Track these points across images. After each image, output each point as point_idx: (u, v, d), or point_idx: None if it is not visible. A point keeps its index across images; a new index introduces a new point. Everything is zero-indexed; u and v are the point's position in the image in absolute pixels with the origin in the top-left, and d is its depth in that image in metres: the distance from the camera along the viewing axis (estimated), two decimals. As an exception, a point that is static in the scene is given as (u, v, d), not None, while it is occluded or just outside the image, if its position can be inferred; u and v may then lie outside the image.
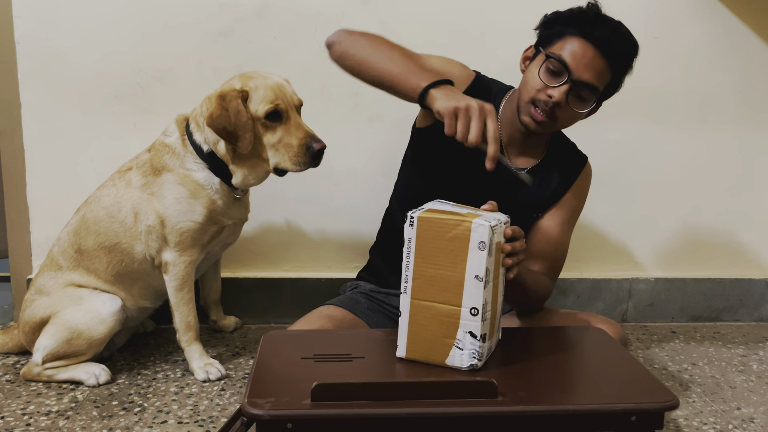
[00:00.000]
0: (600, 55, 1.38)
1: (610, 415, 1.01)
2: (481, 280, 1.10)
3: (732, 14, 1.99)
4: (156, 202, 1.56)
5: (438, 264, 1.13)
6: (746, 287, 2.16)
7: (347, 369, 1.13)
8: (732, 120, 2.07)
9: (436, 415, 0.99)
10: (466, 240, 1.10)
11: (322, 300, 1.73)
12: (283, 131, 1.51)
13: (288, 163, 1.51)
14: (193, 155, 1.57)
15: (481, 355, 1.12)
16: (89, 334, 1.55)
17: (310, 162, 1.50)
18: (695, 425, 1.48)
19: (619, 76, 1.43)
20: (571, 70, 1.38)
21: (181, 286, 1.61)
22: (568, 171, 1.57)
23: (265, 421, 0.97)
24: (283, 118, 1.51)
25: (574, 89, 1.39)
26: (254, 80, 1.51)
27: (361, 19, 1.90)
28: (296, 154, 1.50)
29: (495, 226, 1.10)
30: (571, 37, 1.38)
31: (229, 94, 1.48)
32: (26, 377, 1.59)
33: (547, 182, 1.55)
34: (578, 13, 1.40)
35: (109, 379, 1.58)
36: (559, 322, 1.49)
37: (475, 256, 1.10)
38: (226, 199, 1.60)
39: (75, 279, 1.62)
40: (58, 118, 1.90)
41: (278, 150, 1.51)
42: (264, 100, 1.49)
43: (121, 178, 1.63)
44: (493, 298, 1.14)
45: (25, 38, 1.85)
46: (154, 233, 1.57)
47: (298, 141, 1.50)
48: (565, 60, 1.38)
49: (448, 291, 1.12)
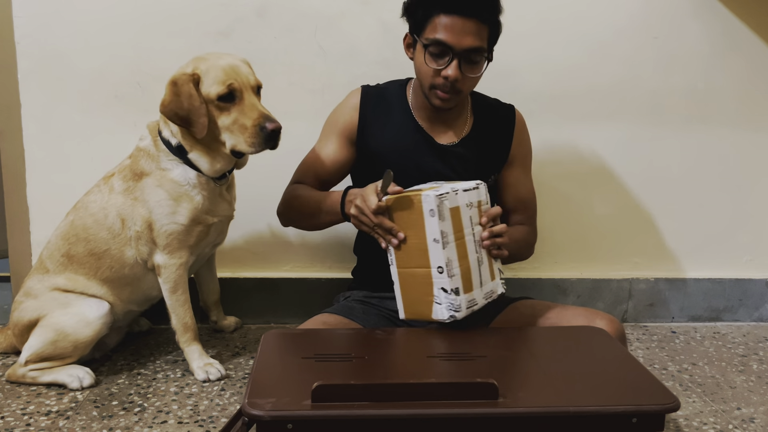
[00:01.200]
0: (469, 19, 1.42)
1: (611, 416, 1.01)
2: (439, 242, 1.29)
3: (732, 14, 1.99)
4: (140, 207, 1.56)
5: (409, 234, 1.33)
6: (746, 287, 2.16)
7: (348, 369, 1.13)
8: (732, 120, 2.07)
9: (437, 416, 0.99)
10: (420, 210, 1.30)
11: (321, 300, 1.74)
12: (237, 112, 1.47)
13: (243, 145, 1.47)
14: (165, 153, 1.55)
15: (458, 307, 1.30)
16: (75, 337, 1.54)
17: (265, 143, 1.46)
18: (695, 425, 1.48)
19: (494, 21, 1.47)
20: (451, 45, 1.43)
21: (174, 288, 1.61)
22: (503, 127, 1.64)
23: (266, 421, 0.97)
24: (237, 99, 1.47)
25: (463, 58, 1.45)
26: (206, 62, 1.48)
27: (361, 19, 1.90)
28: (251, 135, 1.45)
29: (444, 194, 1.29)
30: (437, 16, 1.43)
31: (180, 78, 1.46)
32: (10, 379, 1.58)
33: (488, 145, 1.62)
34: None
35: (92, 383, 1.56)
36: (558, 316, 1.49)
37: (430, 222, 1.29)
38: (206, 194, 1.58)
39: (61, 283, 1.61)
40: (58, 118, 1.90)
41: (233, 132, 1.47)
42: (216, 82, 1.45)
43: (105, 184, 1.63)
44: (459, 255, 1.32)
45: (25, 38, 1.85)
46: (143, 238, 1.57)
47: (251, 122, 1.45)
48: (442, 40, 1.43)
49: (420, 256, 1.32)
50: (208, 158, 1.54)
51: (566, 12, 1.94)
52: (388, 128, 1.60)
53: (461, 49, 1.43)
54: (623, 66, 2.00)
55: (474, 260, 1.36)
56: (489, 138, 1.62)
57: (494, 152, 1.63)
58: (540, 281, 2.09)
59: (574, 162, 2.03)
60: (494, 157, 1.64)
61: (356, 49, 1.91)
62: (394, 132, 1.59)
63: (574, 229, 2.08)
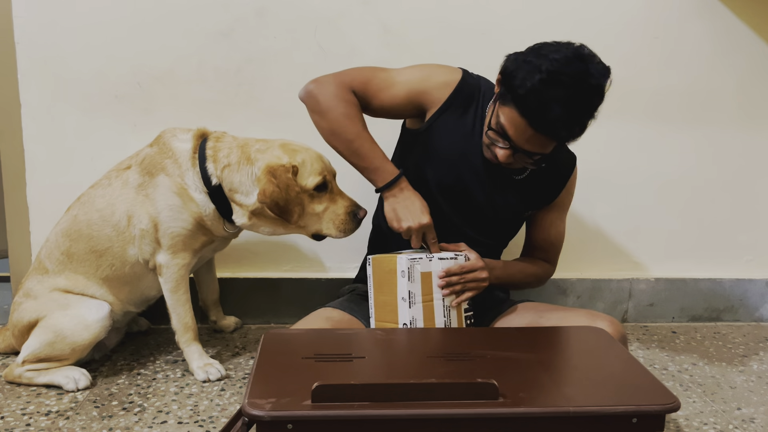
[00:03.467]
0: (542, 135, 1.33)
1: (611, 417, 1.01)
2: (406, 301, 1.41)
3: (732, 14, 1.99)
4: (149, 205, 1.56)
5: (385, 292, 1.45)
6: (746, 287, 2.16)
7: (347, 369, 1.13)
8: (732, 120, 2.07)
9: (437, 417, 0.98)
10: (394, 270, 1.42)
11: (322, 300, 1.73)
12: (328, 201, 1.55)
13: (333, 230, 1.55)
14: (197, 177, 1.55)
15: None
16: (73, 339, 1.54)
17: (355, 228, 1.56)
18: (695, 425, 1.48)
19: (569, 142, 1.40)
20: (511, 140, 1.37)
21: (176, 288, 1.61)
22: (561, 173, 1.60)
23: (266, 422, 0.97)
24: (328, 188, 1.55)
25: (520, 152, 1.39)
26: (299, 153, 1.53)
27: (361, 19, 1.89)
28: (343, 221, 1.55)
29: (417, 258, 1.42)
30: (515, 112, 1.33)
31: (279, 169, 1.48)
32: (7, 378, 1.58)
33: (540, 184, 1.58)
34: (522, 95, 1.30)
35: (88, 384, 1.56)
36: (559, 318, 1.49)
37: (400, 282, 1.41)
38: (215, 225, 1.60)
39: (61, 283, 1.60)
40: (58, 118, 1.90)
41: (322, 218, 1.55)
42: (313, 173, 1.52)
43: (118, 177, 1.61)
44: (425, 316, 1.42)
45: (25, 38, 1.85)
46: (147, 237, 1.57)
47: (344, 209, 1.55)
48: (507, 131, 1.36)
49: (391, 312, 1.43)
50: (258, 223, 1.57)
51: (566, 12, 1.94)
52: (464, 128, 1.53)
53: (520, 148, 1.37)
54: (623, 66, 1.99)
55: (441, 323, 1.44)
56: (544, 177, 1.57)
57: (544, 192, 1.60)
58: (540, 281, 2.09)
59: (574, 162, 2.03)
60: (542, 197, 1.61)
61: (356, 49, 1.91)
62: (466, 134, 1.53)
63: (574, 229, 2.07)
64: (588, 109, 1.32)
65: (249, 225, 1.58)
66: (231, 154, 1.54)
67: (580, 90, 1.28)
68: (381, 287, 1.47)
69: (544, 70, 1.27)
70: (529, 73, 1.29)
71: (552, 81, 1.27)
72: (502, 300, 1.67)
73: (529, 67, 1.29)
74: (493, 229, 1.62)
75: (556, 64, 1.27)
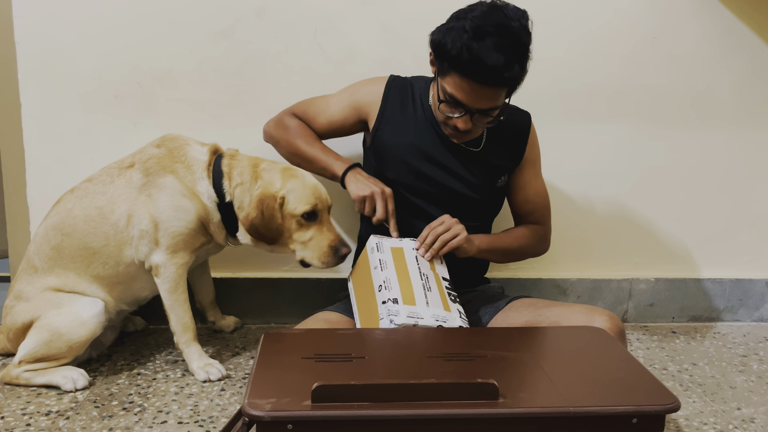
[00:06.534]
0: (488, 86, 1.39)
1: (611, 417, 1.01)
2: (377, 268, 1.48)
3: (732, 14, 1.99)
4: (151, 205, 1.55)
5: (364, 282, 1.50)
6: (746, 287, 2.16)
7: (347, 369, 1.13)
8: (732, 120, 2.07)
9: (437, 417, 0.99)
10: (366, 256, 1.53)
11: (322, 300, 1.73)
12: (315, 231, 1.57)
13: (315, 260, 1.58)
14: (211, 188, 1.58)
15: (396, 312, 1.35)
16: (69, 337, 1.53)
17: (336, 263, 1.58)
18: (695, 425, 1.48)
19: (515, 85, 1.44)
20: (464, 104, 1.43)
21: (174, 289, 1.60)
22: (518, 133, 1.65)
23: (266, 422, 0.97)
24: (317, 219, 1.57)
25: (476, 113, 1.44)
26: (294, 180, 1.56)
27: (361, 19, 1.89)
28: (324, 254, 1.57)
29: (384, 237, 1.55)
30: (457, 76, 1.40)
31: (268, 198, 1.53)
32: (4, 380, 1.56)
33: (502, 149, 1.62)
34: (456, 55, 1.37)
35: (86, 384, 1.55)
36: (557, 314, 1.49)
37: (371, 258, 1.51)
38: (218, 232, 1.62)
39: (51, 282, 1.59)
40: (58, 118, 1.90)
41: (307, 247, 1.58)
42: (302, 201, 1.55)
43: (120, 175, 1.59)
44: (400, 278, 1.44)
45: (25, 38, 1.85)
46: (146, 237, 1.56)
47: (328, 242, 1.57)
48: (456, 97, 1.42)
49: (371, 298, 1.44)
50: (258, 242, 1.59)
51: (566, 12, 1.94)
52: (407, 122, 1.61)
53: (474, 108, 1.43)
54: (623, 66, 1.99)
55: (418, 285, 1.44)
56: (504, 142, 1.63)
57: (508, 156, 1.65)
58: (540, 281, 2.09)
59: (574, 162, 2.03)
60: (508, 161, 1.65)
61: (356, 49, 1.91)
62: (412, 126, 1.60)
63: (574, 229, 2.07)
64: (520, 48, 1.38)
65: (250, 241, 1.61)
66: (244, 173, 1.58)
67: (506, 33, 1.36)
68: (361, 291, 1.52)
69: (469, 29, 1.36)
70: (456, 36, 1.37)
71: (478, 34, 1.35)
72: (500, 296, 1.67)
73: (454, 32, 1.38)
74: (473, 210, 1.65)
75: (477, 21, 1.36)
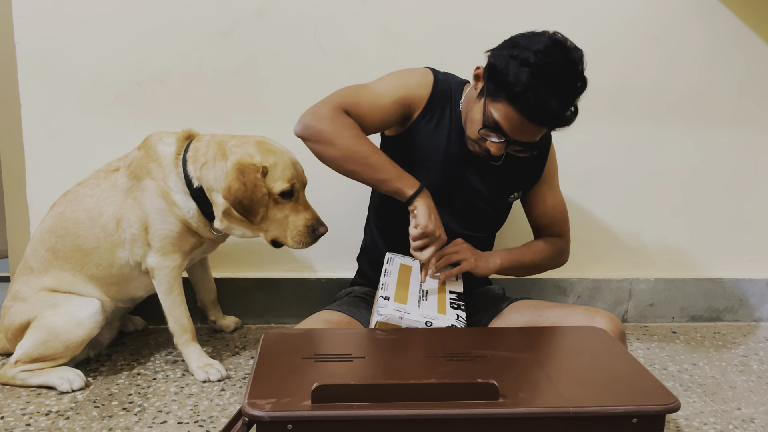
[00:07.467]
0: (538, 125, 1.38)
1: (611, 417, 1.01)
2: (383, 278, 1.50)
3: (733, 14, 1.99)
4: (138, 209, 1.55)
5: None
6: (746, 287, 2.16)
7: (348, 369, 1.13)
8: (732, 119, 2.07)
9: (437, 417, 0.98)
10: None
11: (322, 300, 1.73)
12: (291, 209, 1.52)
13: (289, 240, 1.53)
14: (180, 179, 1.54)
15: (385, 305, 1.37)
16: (66, 337, 1.52)
17: (312, 242, 1.53)
18: (696, 425, 1.48)
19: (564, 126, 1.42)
20: (506, 133, 1.40)
21: (169, 290, 1.60)
22: (540, 152, 1.61)
23: (266, 422, 0.97)
24: (294, 197, 1.52)
25: (514, 143, 1.43)
26: (273, 155, 1.50)
27: (361, 19, 1.89)
28: (300, 233, 1.52)
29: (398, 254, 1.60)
30: (510, 108, 1.37)
31: (248, 167, 1.46)
32: (0, 381, 1.56)
33: (522, 167, 1.60)
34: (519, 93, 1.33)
35: (83, 385, 1.54)
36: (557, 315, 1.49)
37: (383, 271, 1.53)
38: (202, 227, 1.59)
39: (47, 282, 1.59)
40: (58, 118, 1.90)
41: (281, 225, 1.52)
42: (282, 178, 1.49)
43: (106, 178, 1.60)
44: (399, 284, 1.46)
45: (25, 38, 1.85)
46: (139, 240, 1.56)
47: (304, 221, 1.52)
48: (500, 125, 1.40)
49: None
50: (232, 225, 1.54)
51: (566, 12, 1.94)
52: (443, 125, 1.57)
53: (514, 140, 1.41)
54: (623, 66, 2.00)
55: (414, 295, 1.44)
56: (525, 159, 1.57)
57: (527, 173, 1.63)
58: (540, 281, 2.09)
59: (574, 162, 2.03)
60: (526, 178, 1.64)
61: (356, 49, 1.91)
62: (445, 131, 1.56)
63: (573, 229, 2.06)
64: (574, 93, 1.38)
65: (224, 227, 1.55)
66: (208, 151, 1.52)
67: (570, 78, 1.35)
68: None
69: (533, 64, 1.32)
70: (519, 71, 1.33)
71: (542, 75, 1.32)
72: (500, 298, 1.67)
73: (517, 64, 1.34)
74: (483, 221, 1.65)
75: (542, 57, 1.32)
